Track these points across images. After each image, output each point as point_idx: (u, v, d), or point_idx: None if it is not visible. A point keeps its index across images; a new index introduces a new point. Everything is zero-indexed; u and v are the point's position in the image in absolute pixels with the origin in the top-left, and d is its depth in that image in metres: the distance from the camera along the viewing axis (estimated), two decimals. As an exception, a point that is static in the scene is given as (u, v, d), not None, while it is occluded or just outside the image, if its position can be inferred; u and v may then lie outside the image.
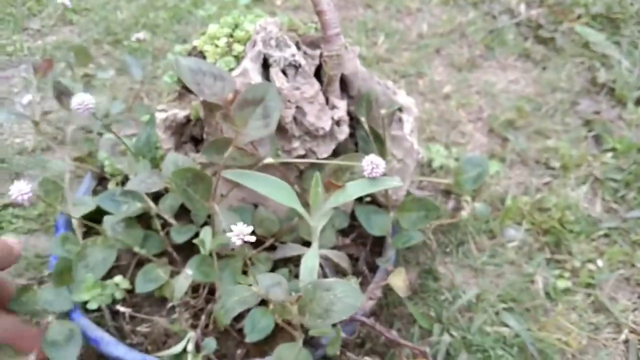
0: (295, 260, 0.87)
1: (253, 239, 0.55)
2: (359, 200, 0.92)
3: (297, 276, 0.87)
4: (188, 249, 0.87)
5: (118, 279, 0.86)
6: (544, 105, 1.33)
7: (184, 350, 0.75)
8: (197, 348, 0.76)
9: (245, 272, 0.82)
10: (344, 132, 0.85)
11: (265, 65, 0.80)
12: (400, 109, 0.91)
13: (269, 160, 0.75)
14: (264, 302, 0.72)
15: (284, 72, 0.79)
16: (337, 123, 0.84)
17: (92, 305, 0.79)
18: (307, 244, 0.84)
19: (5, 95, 1.41)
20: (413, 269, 0.96)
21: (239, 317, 0.77)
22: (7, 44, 1.54)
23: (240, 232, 0.55)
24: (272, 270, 0.85)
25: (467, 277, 1.00)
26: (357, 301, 0.62)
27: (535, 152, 1.22)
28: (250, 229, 0.56)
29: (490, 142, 1.26)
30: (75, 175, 1.16)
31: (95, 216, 0.91)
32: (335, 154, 0.87)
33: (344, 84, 0.88)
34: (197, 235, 0.83)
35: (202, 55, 0.89)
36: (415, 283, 0.94)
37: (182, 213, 0.89)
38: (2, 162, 1.22)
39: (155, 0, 1.67)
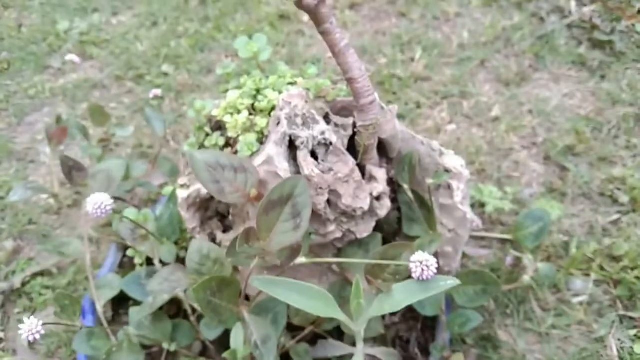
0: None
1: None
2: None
3: (341, 371, 0.79)
4: (221, 336, 0.80)
5: (149, 373, 0.81)
6: (605, 125, 1.20)
7: None
8: None
9: (284, 369, 0.75)
10: (385, 207, 0.75)
11: (292, 145, 0.71)
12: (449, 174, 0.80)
13: (301, 260, 0.66)
14: None
15: (313, 152, 0.70)
16: (377, 198, 0.75)
17: (121, 421, 0.73)
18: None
19: (29, 144, 1.36)
20: (470, 348, 0.86)
21: None
22: (29, 86, 1.49)
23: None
24: (313, 366, 0.77)
25: (530, 343, 0.90)
26: None
27: (600, 183, 1.09)
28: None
29: (548, 172, 1.13)
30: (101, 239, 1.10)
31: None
32: (377, 227, 0.77)
33: (382, 146, 0.78)
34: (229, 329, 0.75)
35: (222, 124, 0.81)
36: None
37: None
38: (29, 224, 1.17)
39: (176, 26, 1.59)
